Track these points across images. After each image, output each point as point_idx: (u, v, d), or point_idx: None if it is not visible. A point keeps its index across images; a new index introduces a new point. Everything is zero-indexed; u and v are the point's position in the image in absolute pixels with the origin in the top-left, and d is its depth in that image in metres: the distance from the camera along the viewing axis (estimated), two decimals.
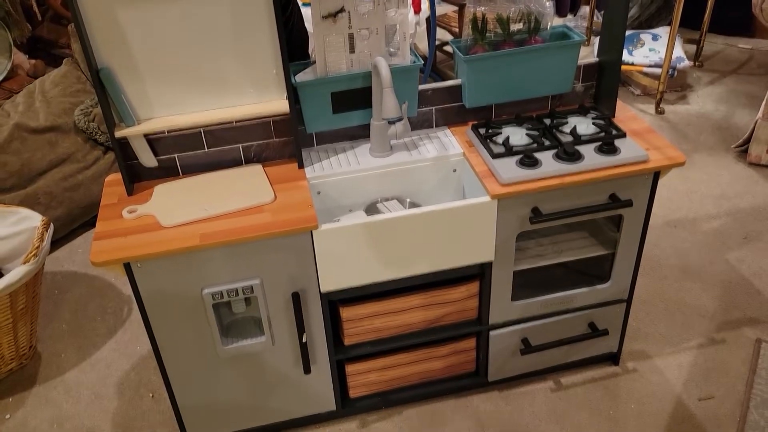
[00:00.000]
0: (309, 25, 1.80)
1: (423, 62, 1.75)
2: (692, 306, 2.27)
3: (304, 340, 1.69)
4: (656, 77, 3.49)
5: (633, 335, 2.16)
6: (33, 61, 3.75)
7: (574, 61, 1.79)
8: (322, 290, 1.64)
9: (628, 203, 1.67)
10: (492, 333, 1.86)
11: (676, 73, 3.55)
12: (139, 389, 2.09)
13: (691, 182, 2.91)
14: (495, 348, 1.89)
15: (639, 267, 1.85)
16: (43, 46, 4.12)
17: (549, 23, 1.78)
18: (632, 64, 3.60)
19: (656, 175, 1.68)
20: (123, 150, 1.64)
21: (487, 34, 1.77)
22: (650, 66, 3.55)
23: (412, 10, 2.67)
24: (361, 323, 1.75)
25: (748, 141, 3.01)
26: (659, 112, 3.47)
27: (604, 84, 1.84)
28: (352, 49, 1.66)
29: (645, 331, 2.18)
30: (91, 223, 2.82)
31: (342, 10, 1.60)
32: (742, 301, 2.28)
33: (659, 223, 2.66)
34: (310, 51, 2.21)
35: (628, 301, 1.92)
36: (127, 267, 1.49)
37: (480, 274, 1.75)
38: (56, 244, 2.74)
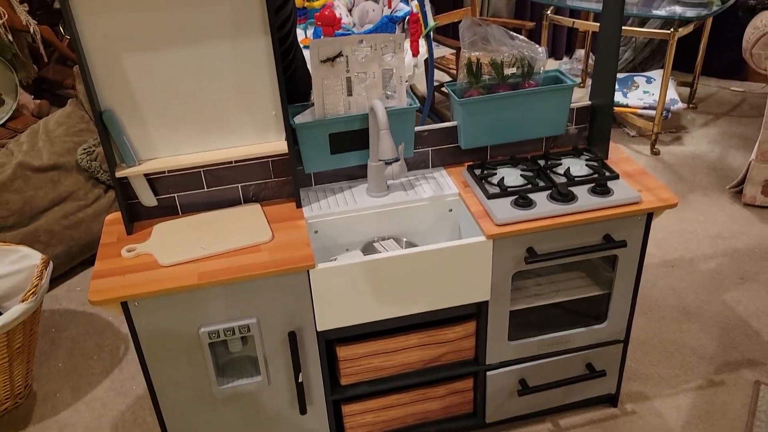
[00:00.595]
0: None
1: (420, 104, 1.79)
2: (690, 347, 2.26)
3: (300, 380, 1.68)
4: (651, 119, 3.54)
5: (631, 376, 2.15)
6: (38, 101, 3.80)
7: (566, 104, 1.83)
8: (318, 329, 1.64)
9: (622, 244, 1.69)
10: (489, 373, 1.85)
11: (670, 115, 3.61)
12: (133, 430, 2.07)
13: (687, 222, 2.93)
14: (492, 388, 1.88)
15: (635, 307, 1.85)
16: (48, 86, 4.19)
17: (542, 68, 1.83)
18: (627, 106, 3.66)
19: (650, 215, 1.70)
20: (123, 189, 1.67)
21: (482, 78, 1.81)
22: (645, 108, 3.61)
23: (410, 53, 2.73)
24: (358, 363, 1.74)
25: (742, 182, 3.04)
26: (655, 152, 3.52)
27: (597, 126, 1.88)
28: (349, 92, 1.70)
29: (643, 372, 2.16)
30: (90, 261, 2.83)
31: (340, 54, 1.64)
32: (740, 342, 2.27)
33: (656, 263, 2.67)
34: None
35: (625, 342, 1.92)
36: (124, 305, 1.50)
37: (476, 313, 1.76)
38: (55, 281, 2.75)
